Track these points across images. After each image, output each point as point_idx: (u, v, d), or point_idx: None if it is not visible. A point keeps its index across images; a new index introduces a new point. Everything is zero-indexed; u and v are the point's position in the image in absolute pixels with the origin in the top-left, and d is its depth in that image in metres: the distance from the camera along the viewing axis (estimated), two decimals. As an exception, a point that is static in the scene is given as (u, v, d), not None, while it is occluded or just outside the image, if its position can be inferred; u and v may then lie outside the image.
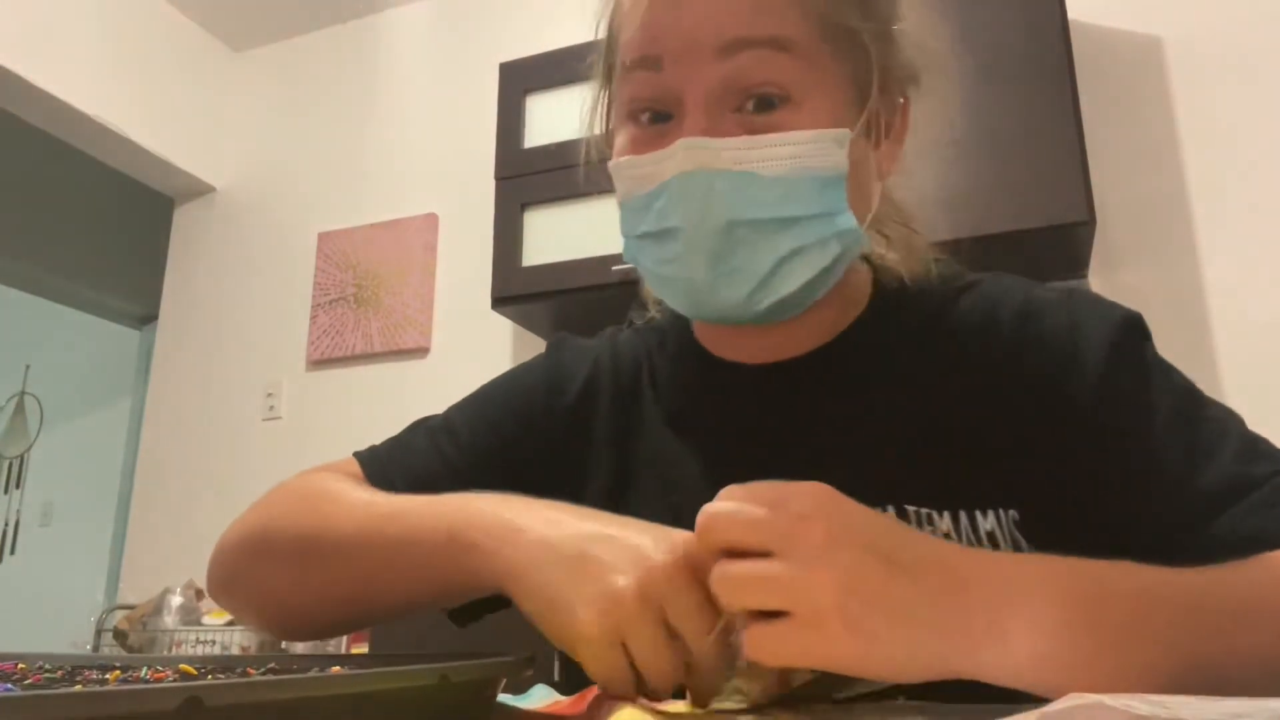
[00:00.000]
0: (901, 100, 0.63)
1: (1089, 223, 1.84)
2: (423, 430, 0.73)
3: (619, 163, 0.61)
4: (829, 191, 0.56)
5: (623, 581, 0.42)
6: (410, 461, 0.70)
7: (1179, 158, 2.10)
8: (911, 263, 0.66)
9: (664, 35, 0.56)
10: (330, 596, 0.58)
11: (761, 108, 0.55)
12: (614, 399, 0.70)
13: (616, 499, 0.66)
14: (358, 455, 0.72)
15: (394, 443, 0.72)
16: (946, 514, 0.56)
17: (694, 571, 0.42)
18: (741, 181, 0.54)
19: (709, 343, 0.69)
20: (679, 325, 0.73)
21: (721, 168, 0.54)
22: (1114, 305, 0.62)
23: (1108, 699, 0.31)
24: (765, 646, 0.39)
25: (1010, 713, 0.32)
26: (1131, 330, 0.60)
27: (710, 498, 0.42)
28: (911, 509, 0.56)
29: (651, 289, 0.65)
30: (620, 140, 0.62)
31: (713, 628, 0.42)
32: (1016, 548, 0.56)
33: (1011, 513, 0.56)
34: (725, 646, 0.43)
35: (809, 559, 0.38)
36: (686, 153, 0.55)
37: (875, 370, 0.63)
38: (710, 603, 0.42)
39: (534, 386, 0.74)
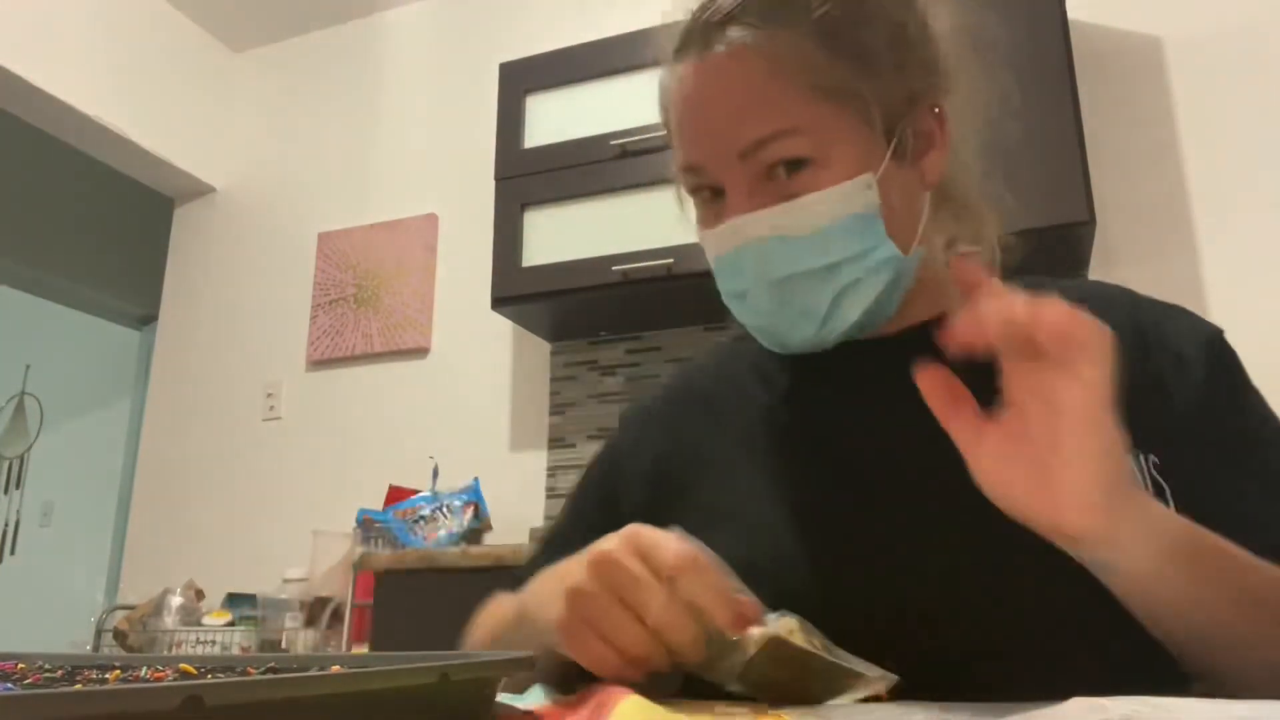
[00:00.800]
0: (936, 109, 0.68)
1: (1089, 223, 1.84)
2: (548, 548, 0.79)
3: (701, 235, 0.70)
4: (866, 230, 0.64)
5: (577, 577, 0.50)
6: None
7: (1179, 158, 2.10)
8: (986, 250, 0.72)
9: (698, 143, 0.66)
10: None
11: (791, 171, 0.64)
12: (704, 405, 0.76)
13: (723, 475, 0.70)
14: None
15: (530, 564, 0.77)
16: None
17: (636, 549, 0.49)
18: (778, 244, 0.64)
19: None
20: None
21: (761, 236, 0.64)
22: (1207, 322, 0.70)
23: (1109, 702, 0.31)
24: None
25: (1010, 713, 0.32)
26: (1224, 346, 0.69)
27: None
28: None
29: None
30: (693, 212, 0.72)
31: (655, 592, 0.47)
32: (1159, 491, 0.59)
33: (1152, 457, 0.60)
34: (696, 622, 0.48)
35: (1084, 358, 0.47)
36: (730, 232, 0.65)
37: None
38: (650, 574, 0.48)
39: (613, 463, 0.79)
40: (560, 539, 0.75)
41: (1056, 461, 0.45)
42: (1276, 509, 0.58)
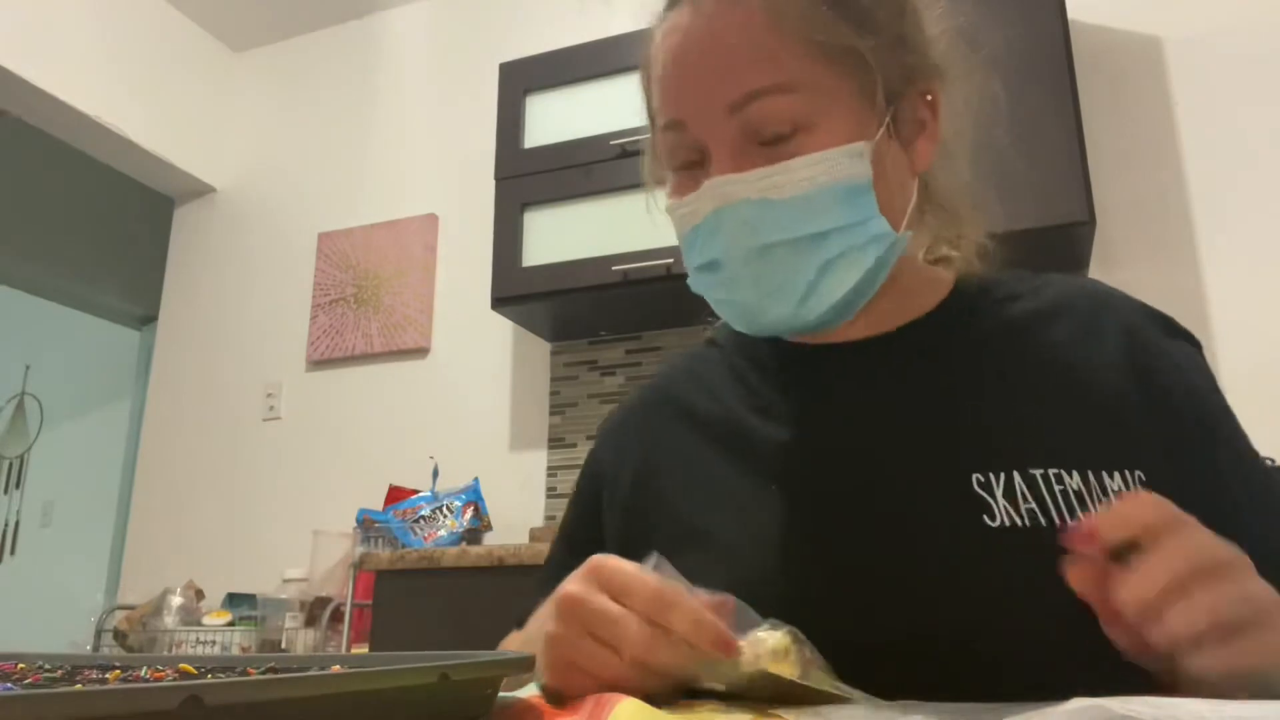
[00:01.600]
0: (930, 96, 0.65)
1: (1089, 223, 1.84)
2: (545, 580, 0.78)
3: (669, 206, 0.66)
4: (857, 201, 0.59)
5: (551, 624, 0.49)
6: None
7: (1179, 158, 2.10)
8: (967, 252, 0.70)
9: (682, 100, 0.61)
10: None
11: (780, 139, 0.59)
12: (676, 417, 0.72)
13: (708, 503, 0.67)
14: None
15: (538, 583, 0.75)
16: (1075, 473, 0.56)
17: (600, 585, 0.48)
18: (764, 207, 0.59)
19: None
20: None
21: (745, 199, 0.59)
22: (1179, 324, 0.67)
23: (1110, 702, 0.30)
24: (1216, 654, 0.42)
25: (1010, 713, 0.32)
26: (1200, 353, 0.65)
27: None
28: (1038, 472, 0.57)
29: (717, 312, 0.68)
30: (668, 185, 0.67)
31: (623, 622, 0.47)
32: None
33: (1138, 473, 0.57)
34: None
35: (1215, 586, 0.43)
36: (712, 192, 0.60)
37: (965, 342, 0.65)
38: (617, 606, 0.47)
39: (590, 496, 0.77)
40: (555, 564, 0.74)
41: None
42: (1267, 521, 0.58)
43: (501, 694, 0.48)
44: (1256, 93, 2.06)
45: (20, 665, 0.44)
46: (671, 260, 2.10)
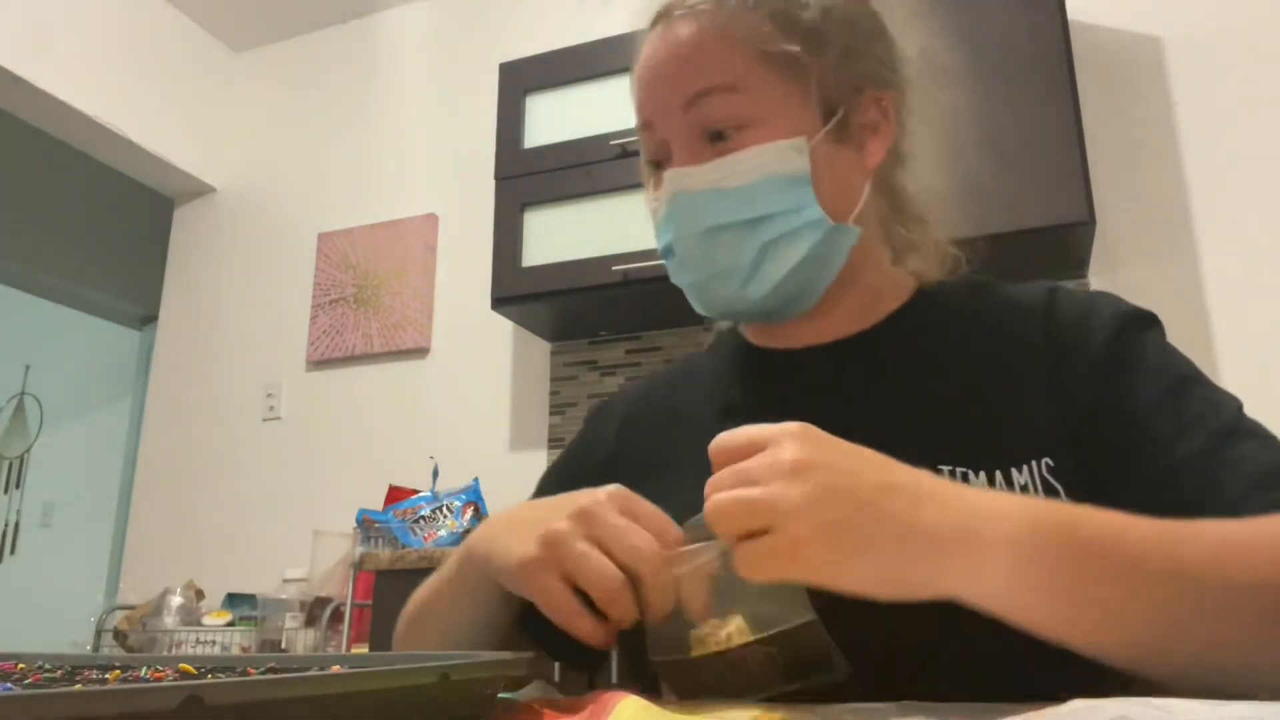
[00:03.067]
0: (881, 100, 0.70)
1: (1089, 223, 1.84)
2: None
3: (646, 198, 0.74)
4: (794, 191, 0.66)
5: (556, 521, 0.51)
6: None
7: (1179, 158, 2.10)
8: (931, 258, 0.74)
9: (648, 102, 0.70)
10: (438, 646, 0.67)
11: (726, 135, 0.67)
12: (652, 419, 0.78)
13: (660, 490, 0.68)
14: None
15: None
16: (982, 473, 0.60)
17: (622, 503, 0.51)
18: (712, 195, 0.67)
19: (754, 336, 0.78)
20: (727, 329, 0.83)
21: (695, 188, 0.67)
22: (1132, 304, 0.67)
23: (1110, 703, 0.31)
24: (750, 562, 0.45)
25: (1010, 713, 0.32)
26: (1142, 318, 0.66)
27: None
28: (945, 468, 0.60)
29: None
30: (648, 179, 0.75)
31: (646, 548, 0.49)
32: (1052, 495, 0.59)
33: (1045, 460, 0.60)
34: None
35: (787, 482, 0.44)
36: (670, 182, 0.68)
37: (913, 349, 0.70)
38: (638, 529, 0.50)
39: (577, 452, 0.83)
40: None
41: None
42: (1175, 446, 0.57)
43: (502, 694, 0.48)
44: (1256, 93, 2.06)
45: (20, 665, 0.44)
46: (671, 260, 2.10)
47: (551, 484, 0.79)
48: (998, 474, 0.60)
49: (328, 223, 3.01)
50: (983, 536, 0.44)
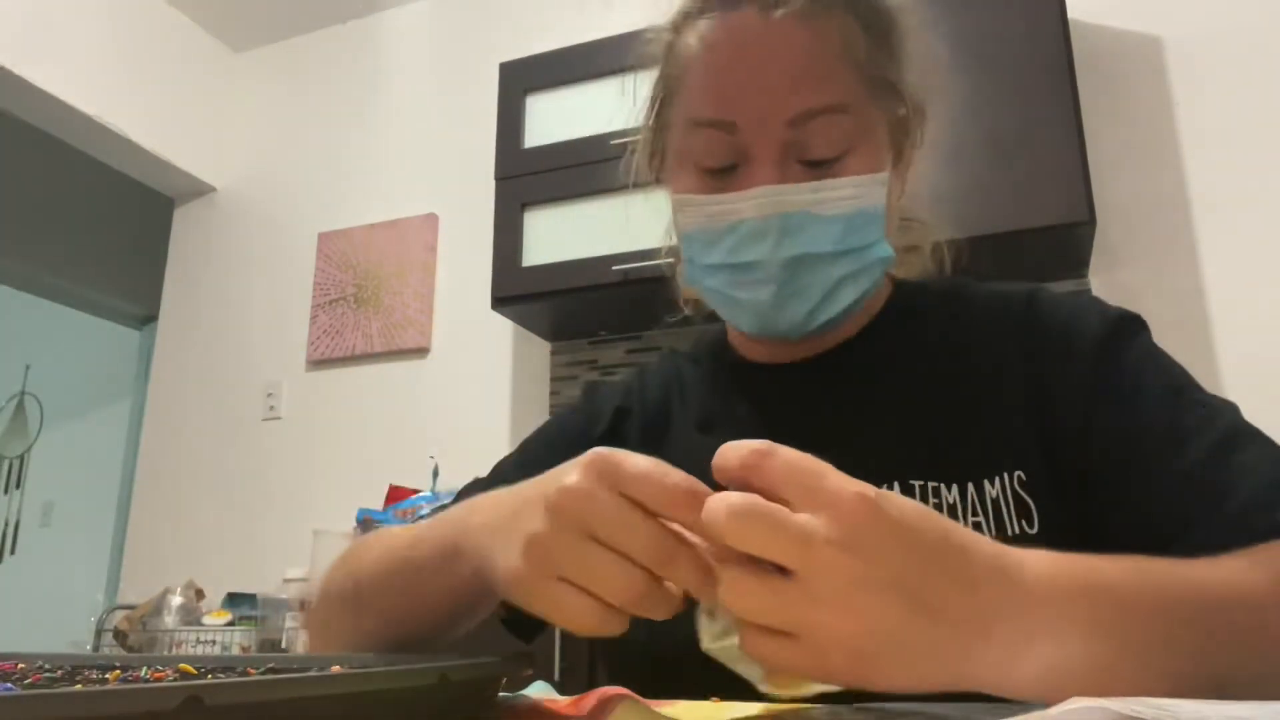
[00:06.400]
0: (919, 132, 0.70)
1: (1089, 223, 1.84)
2: (476, 485, 0.76)
3: (691, 198, 0.66)
4: (872, 225, 0.64)
5: (535, 522, 0.41)
6: None
7: (1179, 158, 2.10)
8: (923, 260, 0.74)
9: (738, 102, 0.63)
10: (382, 634, 0.58)
11: (824, 161, 0.63)
12: (643, 418, 0.76)
13: None
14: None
15: (457, 499, 0.71)
16: (955, 486, 0.59)
17: (605, 479, 0.40)
18: (807, 221, 0.63)
19: (740, 347, 0.76)
20: (711, 338, 0.81)
21: (793, 210, 0.62)
22: (1115, 306, 0.66)
23: (1109, 703, 0.30)
24: (763, 654, 0.38)
25: (1010, 713, 0.32)
26: (1129, 322, 0.64)
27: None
28: (917, 483, 0.59)
29: (716, 307, 0.71)
30: (682, 174, 0.68)
31: (639, 523, 0.39)
32: (1023, 508, 0.59)
33: (1018, 473, 0.59)
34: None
35: (831, 593, 0.36)
36: (765, 199, 0.62)
37: (889, 360, 0.69)
38: (630, 503, 0.40)
39: (571, 424, 0.79)
40: (498, 480, 0.65)
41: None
42: (1174, 456, 0.55)
43: (501, 694, 0.48)
44: (1256, 93, 2.06)
45: (20, 665, 0.44)
46: (672, 260, 2.09)
47: (540, 448, 0.76)
48: (970, 486, 0.59)
49: (328, 223, 3.01)
50: (1041, 642, 0.39)
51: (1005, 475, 0.59)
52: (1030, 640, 0.39)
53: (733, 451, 0.39)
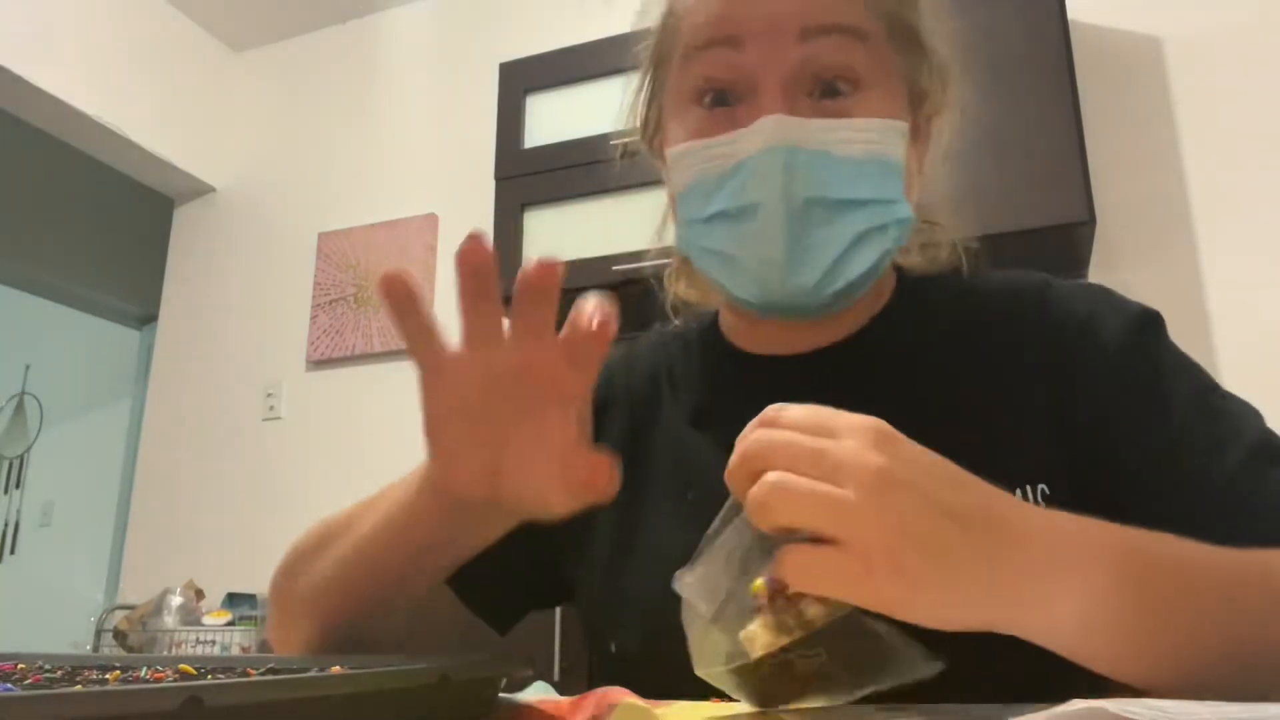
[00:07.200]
0: (931, 120, 0.65)
1: (1089, 223, 1.84)
2: None
3: (688, 146, 0.60)
4: (891, 179, 0.58)
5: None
6: None
7: (1179, 158, 2.10)
8: (936, 258, 0.68)
9: (747, 15, 0.57)
10: (355, 593, 0.60)
11: (831, 93, 0.57)
12: (629, 410, 0.71)
13: (631, 501, 0.64)
14: None
15: None
16: None
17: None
18: (820, 160, 0.56)
19: (736, 337, 0.70)
20: (704, 325, 0.75)
21: (805, 144, 0.55)
22: (1133, 300, 0.62)
23: (1108, 703, 0.31)
24: (807, 571, 0.38)
25: (1010, 713, 0.32)
26: (1149, 323, 0.60)
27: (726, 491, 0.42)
28: None
29: (713, 276, 0.62)
30: (679, 126, 0.62)
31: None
32: None
33: (1041, 487, 0.56)
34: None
35: (866, 493, 0.37)
36: (776, 128, 0.55)
37: (897, 360, 0.64)
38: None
39: None
40: None
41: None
42: (1210, 464, 0.53)
43: (501, 694, 0.48)
44: (1256, 93, 2.06)
45: (20, 665, 0.44)
46: (672, 260, 2.10)
47: None
48: None
49: (328, 223, 3.01)
50: (1068, 576, 0.39)
51: (1025, 488, 0.55)
52: (1059, 585, 0.39)
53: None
